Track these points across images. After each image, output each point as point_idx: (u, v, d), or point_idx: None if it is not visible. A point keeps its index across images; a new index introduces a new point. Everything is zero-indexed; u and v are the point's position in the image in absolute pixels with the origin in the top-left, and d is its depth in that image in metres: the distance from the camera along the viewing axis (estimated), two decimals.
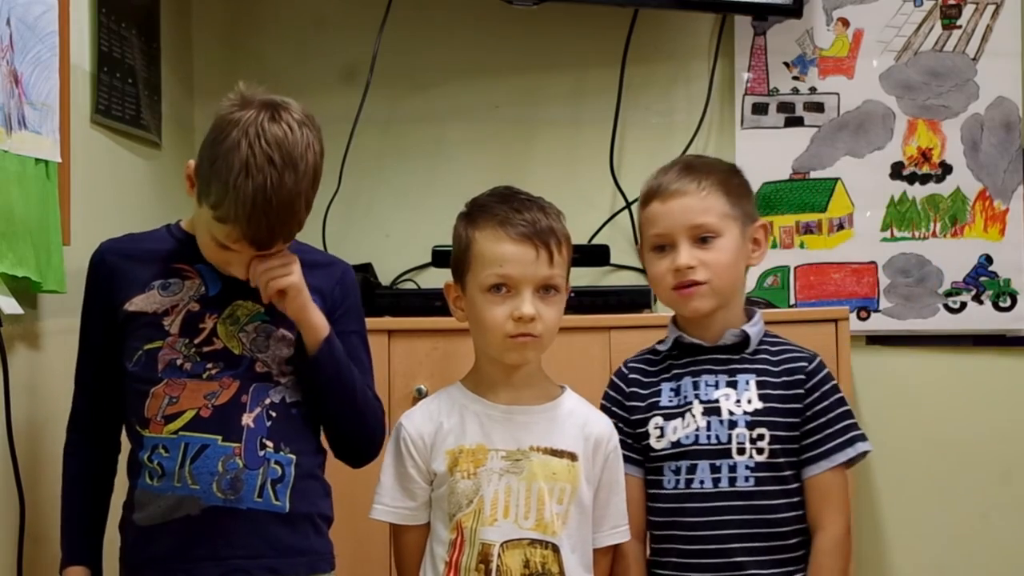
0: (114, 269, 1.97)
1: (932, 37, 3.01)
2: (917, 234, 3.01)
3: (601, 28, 3.08)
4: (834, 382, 2.04)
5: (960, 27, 3.01)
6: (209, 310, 1.95)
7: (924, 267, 3.00)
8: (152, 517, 1.91)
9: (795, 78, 3.05)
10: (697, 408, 2.03)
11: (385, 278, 3.06)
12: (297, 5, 3.19)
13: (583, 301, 2.72)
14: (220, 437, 1.91)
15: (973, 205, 2.99)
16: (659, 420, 2.06)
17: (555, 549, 1.96)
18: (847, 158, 3.02)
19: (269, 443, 1.93)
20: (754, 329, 2.06)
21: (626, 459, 2.06)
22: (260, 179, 1.82)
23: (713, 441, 2.01)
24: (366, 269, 3.01)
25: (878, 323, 3.00)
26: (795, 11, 2.96)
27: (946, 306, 3.00)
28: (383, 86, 3.03)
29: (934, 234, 3.00)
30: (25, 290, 2.04)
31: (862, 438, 2.02)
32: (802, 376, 2.01)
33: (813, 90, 3.05)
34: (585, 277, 2.98)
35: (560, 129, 3.14)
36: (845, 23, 3.04)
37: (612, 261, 2.94)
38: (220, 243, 1.89)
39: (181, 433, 1.90)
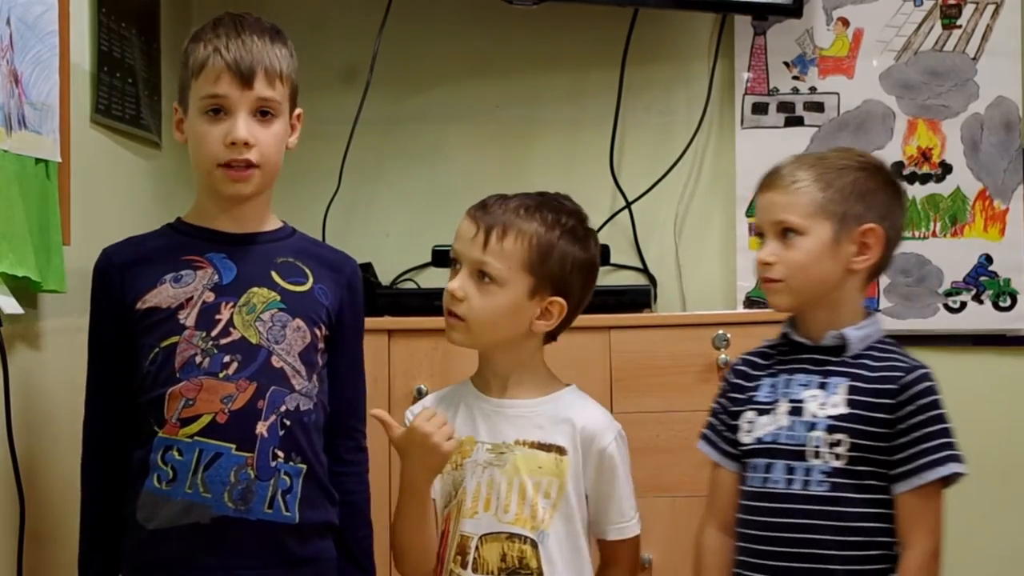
0: (123, 270, 1.95)
1: (932, 37, 3.02)
2: (917, 234, 3.01)
3: (601, 28, 3.08)
4: (934, 397, 1.93)
5: (960, 27, 3.01)
6: (224, 298, 1.94)
7: (924, 267, 3.00)
8: (159, 521, 1.89)
9: (795, 78, 3.05)
10: (783, 406, 1.98)
11: (385, 278, 3.06)
12: (297, 5, 3.19)
13: None
14: (234, 446, 1.89)
15: (973, 205, 3.00)
16: (751, 415, 2.02)
17: (533, 544, 1.94)
18: None
19: (280, 453, 1.92)
20: (857, 332, 1.98)
21: (723, 453, 2.06)
22: (228, 20, 1.95)
23: (792, 441, 1.96)
24: (366, 269, 3.00)
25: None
26: (795, 11, 2.97)
27: (946, 306, 3.00)
28: (383, 86, 3.03)
29: (934, 234, 3.01)
30: (25, 290, 2.03)
31: (956, 459, 1.91)
32: (894, 387, 1.92)
33: (813, 90, 3.05)
34: None
35: (560, 129, 3.15)
36: (845, 23, 3.04)
37: (612, 261, 2.95)
38: (211, 111, 1.92)
39: (197, 438, 1.88)
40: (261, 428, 1.91)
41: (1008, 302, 2.98)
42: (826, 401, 1.95)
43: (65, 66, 2.17)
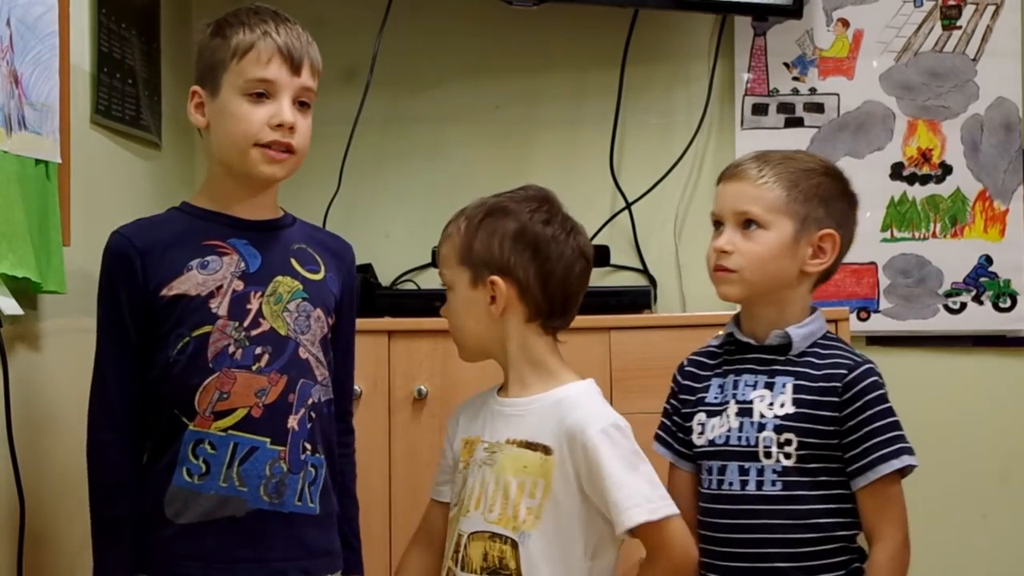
0: (144, 254, 1.90)
1: (932, 37, 3.01)
2: (917, 235, 3.01)
3: (601, 28, 3.08)
4: (879, 392, 1.96)
5: (960, 27, 3.01)
6: (253, 287, 1.93)
7: (924, 267, 3.00)
8: (191, 515, 1.88)
9: (795, 79, 3.05)
10: (732, 408, 2.01)
11: (385, 278, 3.06)
12: (297, 5, 3.17)
13: (583, 301, 2.71)
14: (269, 440, 1.90)
15: (973, 206, 3.00)
16: (702, 416, 2.05)
17: (514, 544, 1.91)
18: (847, 159, 3.01)
19: (308, 446, 1.94)
20: (800, 331, 2.00)
21: (678, 454, 2.09)
22: (268, 10, 1.98)
23: (743, 443, 1.98)
24: (366, 269, 3.01)
25: (878, 324, 3.00)
26: (795, 12, 2.96)
27: (946, 307, 3.00)
28: (383, 86, 3.03)
29: (934, 235, 3.01)
30: (25, 290, 2.03)
31: (908, 451, 1.94)
32: (838, 384, 1.95)
33: (813, 91, 3.05)
34: None
35: (560, 129, 3.14)
36: (845, 24, 3.04)
37: (612, 261, 2.95)
38: (255, 94, 1.92)
39: (231, 432, 1.88)
40: (292, 422, 1.92)
41: (1008, 303, 2.98)
42: (773, 401, 1.98)
43: (65, 67, 2.17)
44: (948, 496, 2.98)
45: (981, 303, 2.99)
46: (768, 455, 1.96)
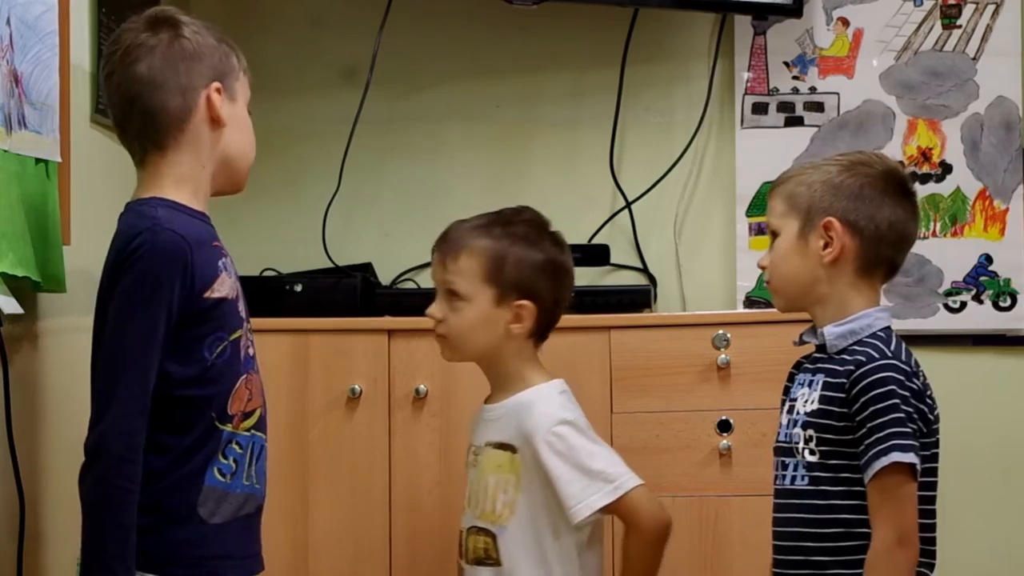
0: (194, 255, 1.85)
1: (932, 37, 3.01)
2: (917, 234, 3.00)
3: (601, 28, 3.08)
4: (882, 389, 1.93)
5: (960, 27, 3.01)
6: (242, 290, 1.96)
7: (924, 267, 3.00)
8: (224, 515, 1.89)
9: (795, 78, 3.05)
10: (787, 405, 2.07)
11: (385, 278, 3.06)
12: (297, 5, 3.19)
13: (583, 301, 2.71)
14: (266, 436, 1.98)
15: (973, 205, 3.00)
16: (781, 415, 2.09)
17: (493, 537, 2.14)
18: None
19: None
20: (835, 330, 2.01)
21: None
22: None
23: (786, 439, 2.04)
24: (366, 269, 3.01)
25: None
26: (795, 11, 2.96)
27: (946, 306, 3.00)
28: (383, 86, 3.02)
29: (934, 234, 3.01)
30: (25, 289, 2.03)
31: (900, 448, 1.91)
32: (845, 380, 1.96)
33: (813, 90, 3.05)
34: (585, 277, 2.98)
35: (560, 129, 3.14)
36: (845, 23, 3.04)
37: (612, 261, 2.95)
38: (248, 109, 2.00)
39: (253, 431, 1.93)
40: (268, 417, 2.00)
41: (1008, 302, 2.98)
42: (808, 398, 2.01)
43: (65, 66, 2.18)
44: (948, 496, 2.97)
45: (981, 302, 2.99)
46: (798, 451, 2.00)
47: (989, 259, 2.99)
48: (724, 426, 2.56)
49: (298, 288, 2.82)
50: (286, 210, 3.12)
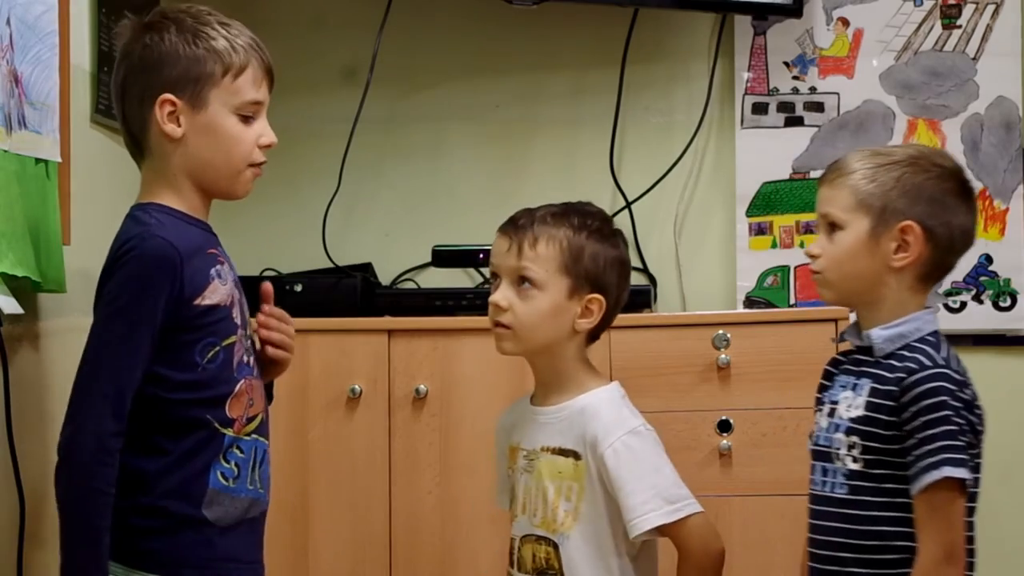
0: (184, 263, 1.85)
1: (932, 37, 3.01)
2: None
3: (601, 28, 3.08)
4: (937, 399, 1.86)
5: (960, 27, 3.01)
6: (241, 294, 1.95)
7: None
8: (229, 518, 1.89)
9: (795, 78, 3.05)
10: (826, 408, 1.98)
11: (385, 278, 3.06)
12: (297, 5, 3.20)
13: None
14: (268, 441, 1.97)
15: None
16: (818, 415, 2.02)
17: (555, 546, 2.03)
18: None
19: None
20: (884, 332, 1.93)
21: None
22: (217, 14, 1.93)
23: (825, 444, 1.96)
24: (366, 269, 3.01)
25: None
26: (795, 11, 2.97)
27: (946, 306, 3.00)
28: (383, 86, 3.03)
29: None
30: (25, 289, 2.03)
31: (952, 462, 1.83)
32: (895, 388, 1.88)
33: (813, 90, 3.05)
34: None
35: (560, 129, 3.15)
36: (845, 23, 3.04)
37: None
38: (245, 116, 1.91)
39: (255, 436, 1.92)
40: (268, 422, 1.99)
41: (1008, 302, 2.98)
42: (852, 403, 1.93)
43: (65, 66, 2.18)
44: None
45: (981, 302, 2.99)
46: (838, 457, 1.93)
47: (989, 259, 2.99)
48: (724, 426, 2.56)
49: (298, 288, 2.82)
50: (286, 210, 3.12)
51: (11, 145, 1.96)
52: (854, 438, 1.91)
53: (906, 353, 1.91)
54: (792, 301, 3.02)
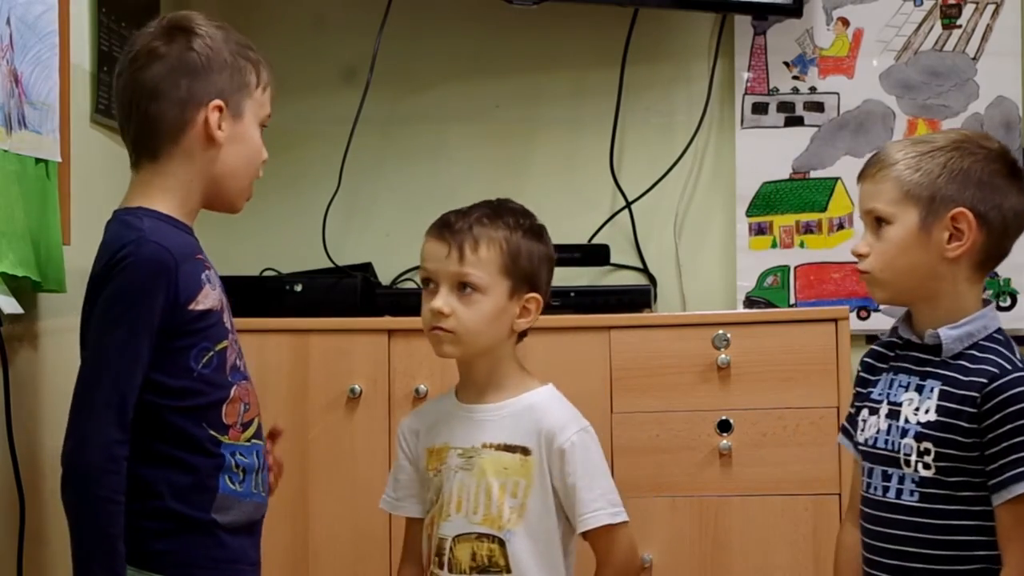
0: (178, 268, 1.86)
1: (932, 37, 3.01)
2: None
3: (601, 28, 3.08)
4: (1020, 405, 1.77)
5: (960, 27, 3.01)
6: (226, 299, 1.96)
7: None
8: (238, 521, 1.90)
9: (795, 78, 3.05)
10: (884, 409, 1.90)
11: (385, 278, 3.06)
12: (297, 5, 3.19)
13: (583, 301, 2.72)
14: (264, 444, 1.97)
15: None
16: (865, 412, 1.94)
17: (501, 543, 2.04)
18: (847, 158, 3.01)
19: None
20: (954, 332, 1.86)
21: (856, 445, 1.99)
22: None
23: (888, 447, 1.88)
24: (366, 269, 3.01)
25: (878, 323, 2.99)
26: (795, 11, 2.96)
27: None
28: (383, 86, 3.02)
29: None
30: (25, 289, 2.04)
31: None
32: (976, 394, 1.80)
33: (813, 90, 3.05)
34: (585, 277, 2.98)
35: (560, 129, 3.14)
36: (845, 23, 3.04)
37: (612, 261, 2.95)
38: (262, 125, 1.98)
39: (253, 441, 1.93)
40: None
41: (1008, 302, 2.98)
42: (920, 406, 1.85)
43: (65, 66, 2.18)
44: None
45: None
46: (908, 463, 1.85)
47: None
48: (724, 426, 2.56)
49: (298, 288, 2.82)
50: (286, 210, 3.12)
51: (11, 145, 1.96)
52: (927, 444, 1.83)
53: (977, 354, 1.84)
54: (792, 301, 3.02)
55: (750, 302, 3.01)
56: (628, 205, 3.05)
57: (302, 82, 3.10)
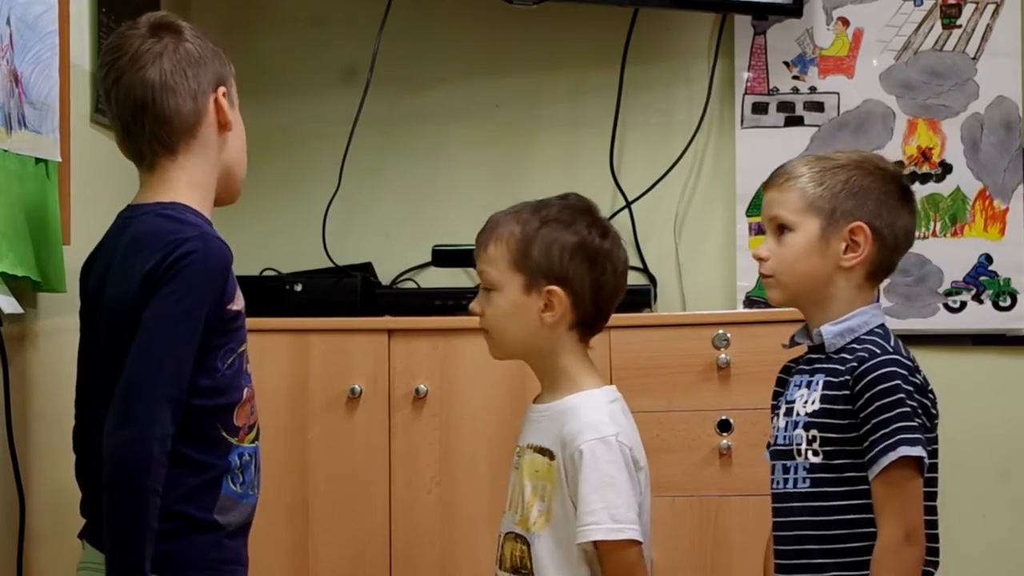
0: (229, 267, 1.87)
1: (932, 36, 3.02)
2: (917, 233, 2.99)
3: (601, 28, 3.08)
4: (885, 384, 1.90)
5: (960, 27, 3.01)
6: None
7: (924, 266, 3.00)
8: (236, 522, 1.90)
9: (795, 77, 3.05)
10: (783, 408, 2.02)
11: (385, 278, 3.06)
12: (297, 5, 3.20)
13: None
14: (259, 446, 1.97)
15: (973, 204, 3.00)
16: (774, 419, 2.06)
17: (528, 545, 1.99)
18: None
19: None
20: (833, 328, 1.98)
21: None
22: None
23: (785, 441, 2.00)
24: (366, 269, 3.01)
25: None
26: (795, 10, 2.97)
27: (946, 305, 3.00)
28: (383, 86, 3.03)
29: (934, 233, 3.01)
30: (25, 289, 2.04)
31: (908, 442, 1.88)
32: (848, 377, 1.92)
33: (813, 89, 3.05)
34: None
35: (560, 129, 3.15)
36: (845, 22, 3.04)
37: None
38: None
39: (255, 443, 1.94)
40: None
41: (1008, 302, 2.98)
42: (808, 398, 1.97)
43: (65, 66, 2.18)
44: (947, 495, 2.97)
45: (981, 302, 2.99)
46: (799, 452, 1.96)
47: (989, 259, 2.99)
48: (724, 426, 2.56)
49: (298, 288, 2.82)
50: (286, 210, 3.12)
51: (11, 145, 1.96)
52: (813, 431, 1.95)
53: (856, 346, 1.96)
54: None
55: (750, 302, 3.01)
56: (628, 205, 3.06)
57: (302, 82, 3.11)
